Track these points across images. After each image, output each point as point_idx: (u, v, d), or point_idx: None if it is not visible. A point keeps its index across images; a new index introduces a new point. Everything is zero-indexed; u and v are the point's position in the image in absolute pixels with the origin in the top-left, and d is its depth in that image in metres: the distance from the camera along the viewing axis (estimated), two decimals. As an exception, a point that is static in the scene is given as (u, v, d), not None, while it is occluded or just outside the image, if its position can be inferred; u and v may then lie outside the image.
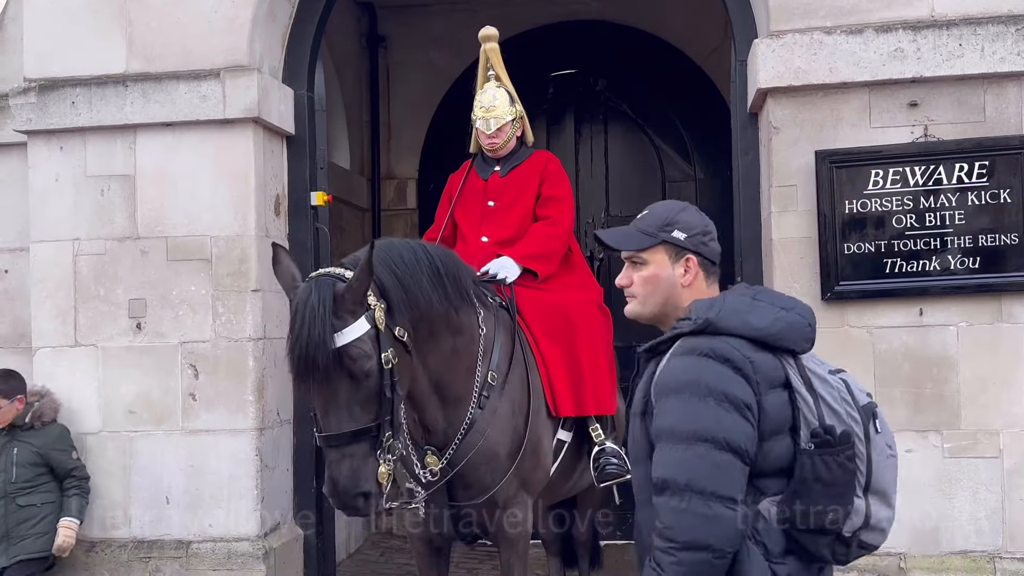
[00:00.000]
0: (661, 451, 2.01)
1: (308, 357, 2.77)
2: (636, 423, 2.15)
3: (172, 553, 4.80)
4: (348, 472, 2.84)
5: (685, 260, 2.19)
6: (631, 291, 2.23)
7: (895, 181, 4.31)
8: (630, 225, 2.26)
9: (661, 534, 1.96)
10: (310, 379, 2.82)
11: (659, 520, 1.97)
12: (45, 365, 4.96)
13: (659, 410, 2.03)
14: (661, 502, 1.98)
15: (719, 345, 2.02)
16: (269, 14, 4.96)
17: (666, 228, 2.20)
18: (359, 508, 2.88)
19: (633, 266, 2.22)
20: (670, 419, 2.01)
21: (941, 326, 4.31)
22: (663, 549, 1.95)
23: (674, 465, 1.97)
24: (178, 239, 4.87)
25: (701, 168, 7.53)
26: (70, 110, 4.91)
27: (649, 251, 2.19)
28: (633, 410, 2.18)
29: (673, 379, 2.03)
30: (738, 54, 4.80)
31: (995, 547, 4.25)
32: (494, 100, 4.18)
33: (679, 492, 1.95)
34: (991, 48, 4.24)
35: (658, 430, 2.02)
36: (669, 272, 2.19)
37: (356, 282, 2.89)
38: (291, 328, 2.84)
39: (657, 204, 2.34)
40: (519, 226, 4.15)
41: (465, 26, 6.87)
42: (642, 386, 2.15)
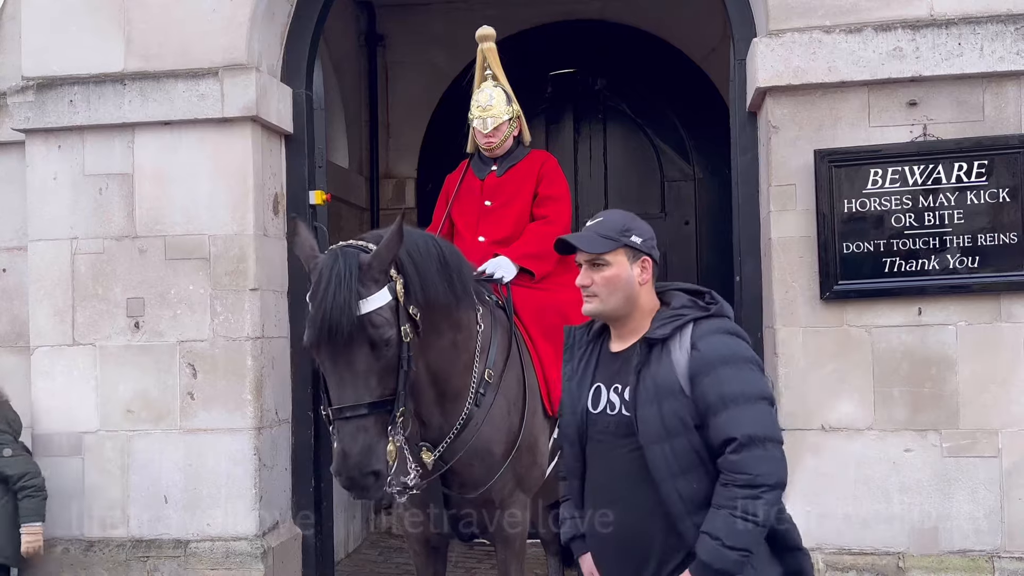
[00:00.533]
0: (732, 413, 2.31)
1: (333, 321, 2.74)
2: (666, 403, 2.36)
3: (170, 552, 4.79)
4: (362, 447, 2.79)
5: (641, 262, 2.49)
6: (592, 290, 2.48)
7: (894, 180, 4.31)
8: (588, 231, 2.51)
9: (749, 483, 2.28)
10: (331, 346, 2.78)
11: (743, 471, 2.28)
12: (43, 364, 4.95)
13: (716, 379, 2.33)
14: (745, 456, 2.29)
15: (733, 326, 2.46)
16: (267, 13, 4.95)
17: (625, 233, 2.48)
18: (368, 487, 2.82)
19: (594, 268, 2.47)
20: (735, 385, 2.33)
21: (940, 325, 4.30)
22: (751, 496, 2.28)
23: (751, 422, 2.31)
24: (176, 238, 4.87)
25: (700, 167, 7.54)
26: (68, 109, 4.90)
27: (611, 254, 2.46)
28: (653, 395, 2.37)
29: (719, 354, 2.36)
30: (737, 53, 4.80)
31: (994, 546, 4.25)
32: (491, 99, 4.18)
33: (761, 443, 2.30)
34: (990, 47, 4.24)
35: (723, 396, 2.32)
36: (628, 272, 2.47)
37: (385, 250, 2.91)
38: (314, 294, 2.81)
39: (609, 212, 2.63)
40: (516, 226, 4.15)
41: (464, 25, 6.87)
42: (662, 370, 2.38)
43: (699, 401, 2.34)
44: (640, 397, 2.39)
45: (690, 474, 2.35)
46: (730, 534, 2.28)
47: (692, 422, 2.35)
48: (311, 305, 2.82)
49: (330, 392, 2.89)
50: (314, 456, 5.16)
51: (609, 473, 2.48)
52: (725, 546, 2.28)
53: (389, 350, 2.87)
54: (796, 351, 4.37)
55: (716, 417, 2.32)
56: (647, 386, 2.38)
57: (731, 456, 2.30)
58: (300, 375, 5.15)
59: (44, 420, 4.94)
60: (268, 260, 4.97)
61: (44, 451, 4.92)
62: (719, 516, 2.30)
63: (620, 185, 7.63)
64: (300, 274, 5.11)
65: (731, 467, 2.30)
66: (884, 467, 4.31)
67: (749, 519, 2.28)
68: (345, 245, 2.97)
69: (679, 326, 2.41)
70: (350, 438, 2.79)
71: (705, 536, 2.31)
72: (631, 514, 2.43)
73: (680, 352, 2.38)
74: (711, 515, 2.31)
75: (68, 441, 4.91)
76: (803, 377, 4.36)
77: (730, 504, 2.28)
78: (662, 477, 2.36)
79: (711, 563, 2.30)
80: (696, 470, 2.36)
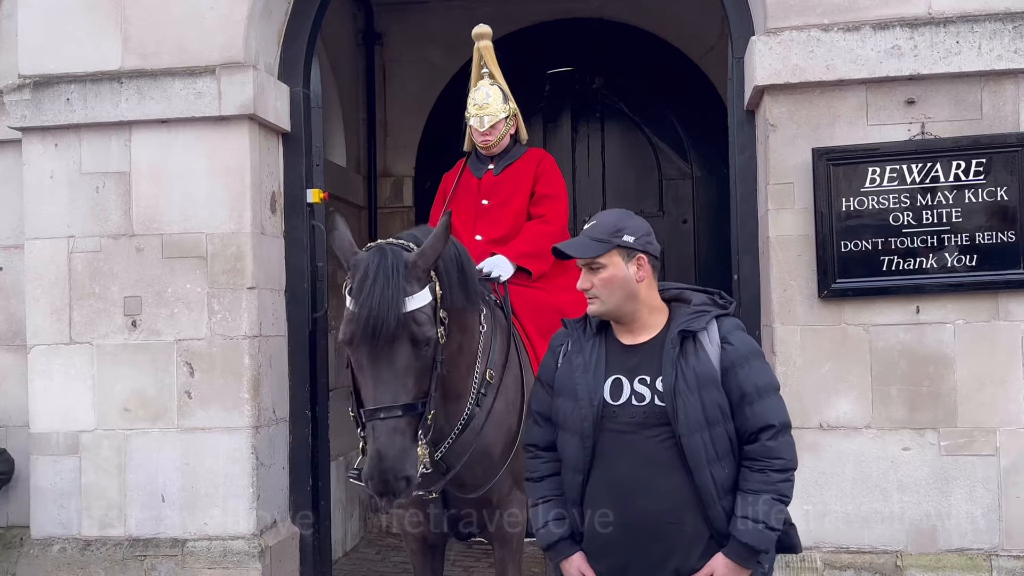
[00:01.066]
0: (767, 402, 2.49)
1: (379, 318, 2.69)
2: (706, 393, 2.47)
3: (168, 551, 4.78)
4: (398, 450, 2.72)
5: (637, 259, 2.56)
6: (593, 293, 2.56)
7: (892, 179, 4.31)
8: (581, 235, 2.58)
9: (783, 467, 2.47)
10: (373, 343, 2.73)
11: (779, 456, 2.46)
12: (40, 363, 4.94)
13: (750, 371, 2.51)
14: (780, 442, 2.48)
15: (741, 323, 2.64)
16: (265, 10, 4.94)
17: (617, 234, 2.55)
18: (399, 492, 2.73)
19: (591, 271, 2.55)
20: (765, 377, 2.54)
21: (938, 324, 4.30)
22: (785, 479, 2.47)
23: (780, 411, 2.51)
24: (173, 236, 4.86)
25: (698, 166, 7.54)
26: (65, 107, 4.89)
27: (605, 256, 2.53)
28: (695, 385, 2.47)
29: (750, 348, 2.56)
30: (735, 51, 4.80)
31: (992, 545, 4.25)
32: (487, 97, 4.17)
33: (789, 431, 2.52)
34: (988, 46, 4.23)
35: (759, 386, 2.50)
36: (624, 272, 2.54)
37: (430, 250, 2.90)
38: (358, 290, 2.76)
39: (603, 213, 2.70)
40: (513, 224, 4.15)
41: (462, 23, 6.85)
42: (701, 362, 2.49)
43: (733, 391, 2.49)
44: (679, 387, 2.48)
45: (724, 460, 2.49)
46: (772, 516, 2.45)
47: (728, 410, 2.49)
48: (352, 301, 2.77)
49: (363, 392, 2.82)
50: (312, 455, 5.15)
51: (633, 463, 2.51)
52: (768, 528, 2.45)
53: (428, 350, 2.85)
54: (794, 349, 4.37)
55: (752, 406, 2.48)
56: (687, 377, 2.48)
57: (768, 442, 2.47)
58: (298, 374, 5.14)
59: (41, 419, 4.93)
60: (265, 259, 4.96)
61: (41, 450, 4.92)
62: (760, 500, 2.44)
63: (618, 184, 7.63)
64: (298, 272, 5.13)
65: (768, 453, 2.47)
66: (882, 466, 4.31)
67: (784, 500, 2.47)
68: (388, 242, 2.96)
69: (707, 321, 2.54)
70: (386, 440, 2.72)
71: (746, 520, 2.44)
72: (659, 504, 2.48)
73: (711, 346, 2.52)
74: (749, 500, 2.45)
75: (65, 440, 4.90)
76: (801, 375, 4.36)
77: (770, 488, 2.45)
78: (700, 464, 2.46)
79: (757, 545, 2.45)
80: (728, 456, 2.50)
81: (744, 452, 2.49)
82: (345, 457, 6.77)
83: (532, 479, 2.74)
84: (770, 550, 2.52)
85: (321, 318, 5.23)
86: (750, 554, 2.45)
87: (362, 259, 2.84)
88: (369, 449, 2.76)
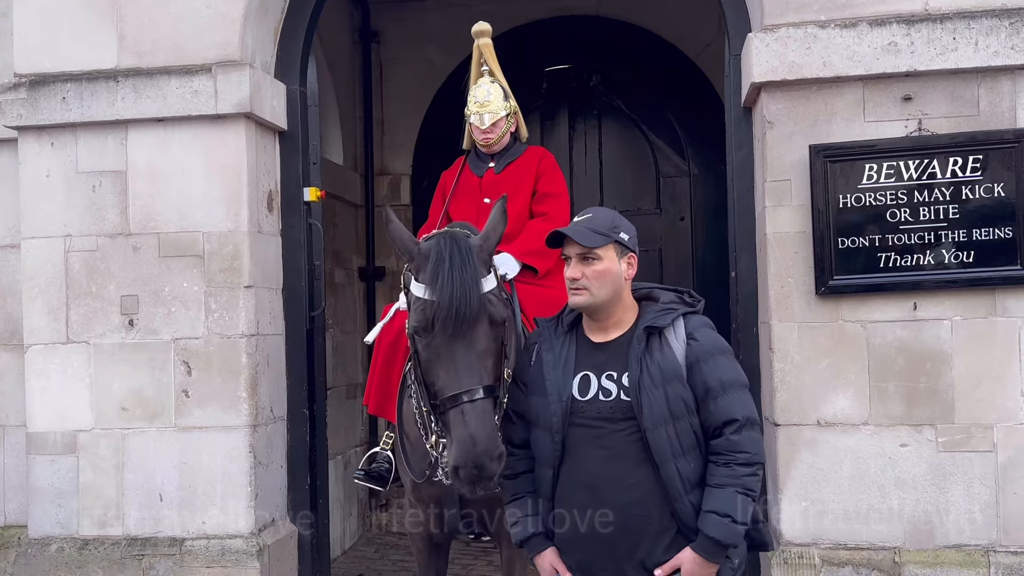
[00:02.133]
0: (731, 397, 2.53)
1: (461, 300, 2.67)
2: (671, 388, 2.52)
3: (166, 550, 4.78)
4: (489, 431, 2.64)
5: (628, 257, 2.65)
6: (582, 283, 2.60)
7: (889, 175, 4.31)
8: (578, 226, 2.63)
9: (748, 461, 2.51)
10: (453, 327, 2.69)
11: (743, 450, 2.50)
12: (37, 362, 4.93)
13: (715, 366, 2.55)
14: (745, 436, 2.51)
15: (710, 321, 2.68)
16: (261, 8, 4.93)
17: (614, 230, 2.62)
18: (493, 474, 2.63)
19: (585, 262, 2.60)
20: (730, 373, 2.57)
21: (935, 320, 4.31)
22: (750, 473, 2.51)
23: (745, 406, 2.56)
24: (170, 235, 4.85)
25: (695, 163, 7.53)
26: (61, 106, 4.88)
27: (603, 248, 2.60)
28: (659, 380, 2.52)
29: (715, 344, 2.60)
30: (732, 48, 4.79)
31: (989, 541, 4.25)
32: (488, 95, 4.16)
33: (754, 425, 2.55)
34: (985, 42, 4.23)
35: (723, 381, 2.54)
36: (617, 267, 2.62)
37: (493, 234, 2.94)
38: (433, 276, 2.72)
39: (597, 209, 2.75)
40: (516, 222, 4.14)
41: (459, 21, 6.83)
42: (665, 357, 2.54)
43: (697, 386, 2.54)
44: (644, 382, 2.52)
45: (690, 454, 2.53)
46: (738, 510, 2.48)
47: (693, 405, 2.54)
48: (427, 289, 2.73)
49: (442, 379, 2.74)
50: (310, 454, 5.15)
51: (601, 458, 2.55)
52: (734, 521, 2.48)
53: (501, 332, 2.83)
54: (791, 346, 4.37)
55: (716, 400, 2.53)
56: (652, 372, 2.52)
57: (732, 436, 2.51)
58: (295, 372, 5.13)
59: (38, 418, 4.93)
60: (263, 257, 4.95)
61: (38, 449, 4.91)
62: (725, 494, 2.48)
63: (615, 181, 7.62)
64: (295, 271, 5.13)
65: (732, 447, 2.51)
66: (880, 462, 4.31)
67: (750, 494, 2.50)
68: (449, 231, 2.96)
69: (674, 318, 2.60)
70: (478, 422, 2.64)
71: (712, 515, 2.47)
72: (625, 497, 2.52)
73: (677, 342, 2.57)
74: (715, 494, 2.49)
75: (63, 439, 4.90)
76: (798, 372, 4.36)
77: (735, 482, 2.49)
78: (665, 458, 2.51)
79: (723, 539, 2.47)
80: (694, 451, 2.54)
81: (710, 447, 2.54)
82: (343, 456, 6.78)
83: (507, 476, 2.76)
84: (738, 544, 2.54)
85: (318, 317, 5.23)
86: (717, 548, 2.49)
87: (431, 246, 2.81)
88: (458, 435, 2.65)
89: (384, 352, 3.97)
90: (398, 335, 3.96)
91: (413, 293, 2.81)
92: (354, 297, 7.37)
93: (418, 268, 2.83)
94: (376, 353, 4.06)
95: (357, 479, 4.10)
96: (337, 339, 6.72)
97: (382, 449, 4.02)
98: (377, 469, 4.00)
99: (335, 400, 6.38)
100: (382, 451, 4.02)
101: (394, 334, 3.98)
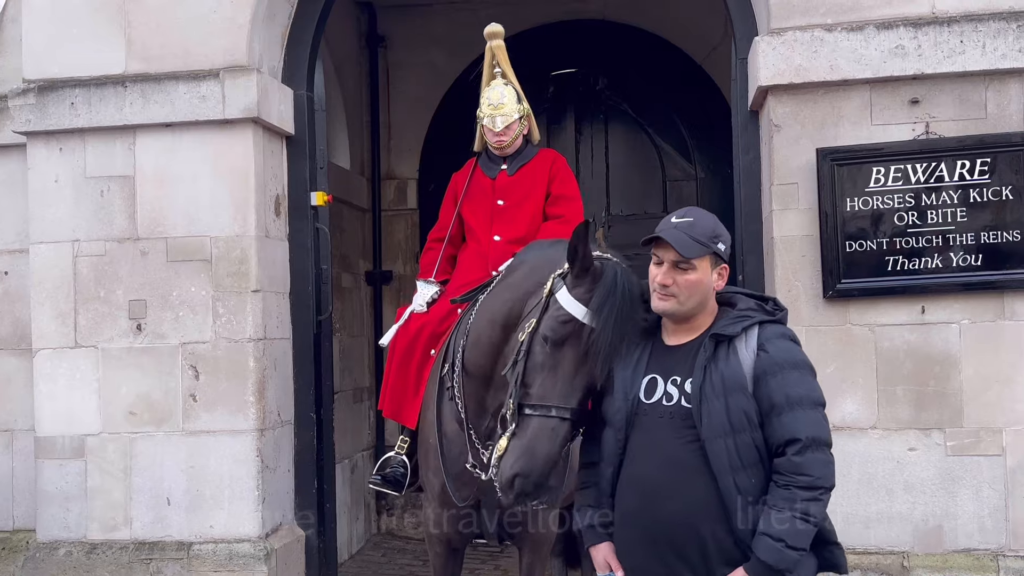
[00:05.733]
0: (796, 415, 2.39)
1: (606, 331, 2.57)
2: (732, 399, 2.41)
3: (173, 554, 4.79)
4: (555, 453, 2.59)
5: (721, 268, 2.54)
6: (671, 291, 2.49)
7: (896, 179, 4.30)
8: (678, 231, 2.49)
9: (810, 485, 2.36)
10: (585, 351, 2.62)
11: (805, 472, 2.36)
12: (45, 367, 4.95)
13: (783, 381, 2.41)
14: (808, 458, 2.37)
15: (793, 333, 2.56)
16: (268, 14, 4.95)
17: (714, 240, 2.51)
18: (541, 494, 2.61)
19: (678, 269, 2.48)
20: (800, 389, 2.42)
21: (943, 324, 4.29)
22: (812, 497, 2.36)
23: (815, 426, 2.40)
24: (178, 240, 4.86)
25: (702, 167, 7.52)
26: (69, 111, 4.90)
27: (699, 259, 2.48)
28: (721, 390, 2.41)
29: (787, 358, 2.45)
30: (739, 52, 4.79)
31: (998, 545, 4.24)
32: (502, 98, 4.17)
33: (821, 447, 2.40)
34: (992, 45, 4.23)
35: (789, 397, 2.40)
36: (709, 278, 2.51)
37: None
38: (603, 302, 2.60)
39: (697, 212, 2.59)
40: (530, 224, 4.16)
41: (465, 26, 6.87)
42: (730, 367, 2.43)
43: (763, 400, 2.42)
44: (706, 391, 2.44)
45: (751, 469, 2.41)
46: (793, 535, 2.35)
47: (757, 419, 2.42)
48: (588, 313, 2.62)
49: (538, 385, 2.67)
50: (317, 458, 5.15)
51: (659, 464, 2.49)
52: (788, 547, 2.35)
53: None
54: (799, 350, 4.36)
55: (780, 417, 2.40)
56: (714, 381, 2.43)
57: (794, 457, 2.37)
58: (303, 377, 5.14)
59: (46, 423, 4.94)
60: (270, 261, 4.96)
61: (46, 454, 4.93)
62: (782, 517, 2.36)
63: (622, 184, 7.62)
64: (302, 275, 5.13)
65: (793, 468, 2.37)
66: (888, 466, 4.30)
67: (810, 520, 2.36)
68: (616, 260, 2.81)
69: (747, 327, 2.48)
70: (547, 436, 2.59)
71: (766, 537, 2.37)
72: (680, 506, 2.44)
73: (746, 352, 2.45)
74: (772, 516, 2.37)
75: (71, 444, 4.91)
76: (806, 376, 4.34)
77: (792, 506, 2.36)
78: (723, 470, 2.40)
79: (775, 564, 2.36)
80: (756, 465, 2.42)
81: (773, 465, 2.42)
82: (350, 459, 6.78)
83: (580, 466, 2.76)
84: (792, 570, 2.40)
85: (325, 321, 5.24)
86: (769, 572, 2.38)
87: (610, 271, 2.67)
88: (524, 444, 2.61)
89: (399, 355, 3.98)
90: (414, 338, 3.97)
91: (561, 303, 2.69)
92: (361, 301, 7.38)
93: (582, 286, 2.68)
94: (391, 356, 4.06)
95: (373, 484, 4.09)
96: (344, 343, 6.72)
97: (397, 453, 4.02)
98: (392, 474, 4.00)
99: (342, 404, 6.38)
100: (396, 455, 4.02)
101: (409, 337, 3.98)
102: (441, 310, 4.01)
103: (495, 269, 3.92)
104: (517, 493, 2.61)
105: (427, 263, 4.35)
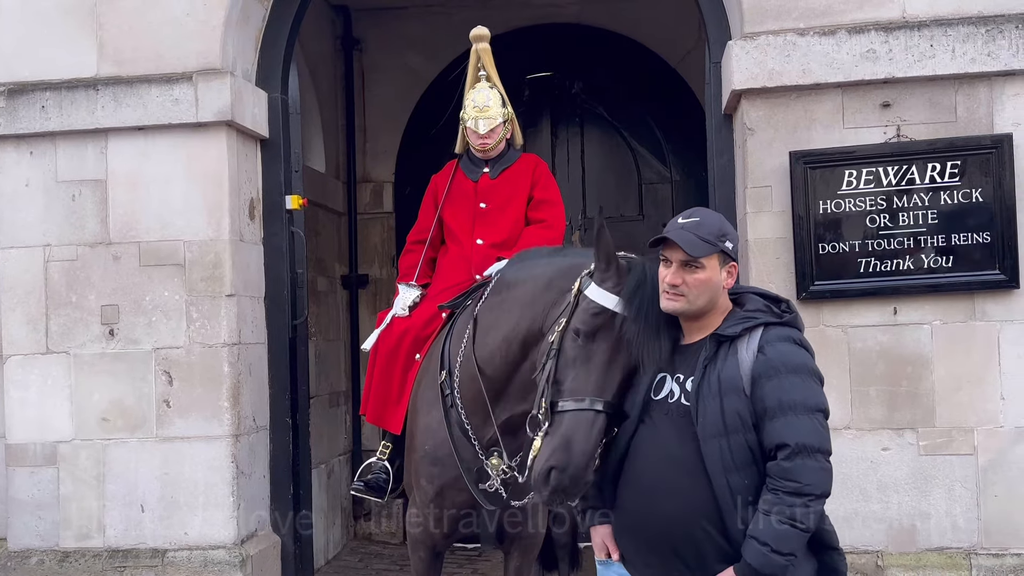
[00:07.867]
0: (790, 420, 2.39)
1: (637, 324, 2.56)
2: (728, 400, 2.42)
3: (148, 562, 4.74)
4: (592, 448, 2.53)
5: (730, 266, 2.54)
6: (680, 290, 2.50)
7: (868, 181, 4.34)
8: (685, 231, 2.50)
9: (796, 491, 2.37)
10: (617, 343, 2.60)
11: (792, 479, 2.37)
12: (16, 373, 4.89)
13: (778, 385, 2.41)
14: (796, 463, 2.38)
15: (801, 336, 2.54)
16: (242, 16, 4.92)
17: (721, 239, 2.51)
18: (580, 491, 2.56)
19: (687, 268, 2.49)
20: (796, 394, 2.41)
21: (915, 325, 4.34)
22: (799, 504, 2.37)
23: (806, 432, 2.40)
24: (151, 244, 4.82)
25: (677, 169, 7.56)
26: (40, 114, 4.85)
27: (708, 257, 2.49)
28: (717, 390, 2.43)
29: (788, 361, 2.44)
30: (712, 56, 4.82)
31: (971, 543, 4.28)
32: (488, 101, 4.17)
33: (814, 454, 2.40)
34: (962, 49, 4.28)
35: (782, 401, 2.39)
36: (718, 277, 2.52)
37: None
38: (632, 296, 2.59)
39: (703, 211, 2.61)
40: (513, 228, 4.16)
41: (440, 29, 6.87)
42: (728, 367, 2.44)
43: (757, 403, 2.42)
44: (703, 390, 2.45)
45: (744, 471, 2.42)
46: (778, 539, 2.36)
47: (751, 421, 2.42)
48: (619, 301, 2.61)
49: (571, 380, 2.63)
50: (293, 463, 5.12)
51: (658, 461, 2.51)
52: (773, 551, 2.37)
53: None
54: (774, 352, 4.39)
55: (772, 421, 2.40)
56: (711, 381, 2.45)
57: (783, 463, 2.38)
58: (278, 382, 5.11)
59: (18, 430, 4.88)
60: (244, 265, 4.93)
61: (18, 461, 4.87)
62: (768, 521, 2.37)
63: (598, 187, 7.64)
64: (277, 279, 5.10)
65: (781, 473, 2.38)
66: (862, 466, 4.34)
67: (797, 526, 2.37)
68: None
69: (750, 328, 2.49)
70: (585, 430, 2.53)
71: (753, 540, 2.38)
72: (676, 503, 2.47)
73: (746, 353, 2.46)
74: (759, 520, 2.38)
75: (42, 451, 4.85)
76: (781, 377, 4.37)
77: (779, 511, 2.37)
78: (716, 470, 2.42)
79: (760, 567, 2.37)
80: (749, 468, 2.43)
81: (766, 469, 2.43)
82: (326, 464, 6.75)
83: None
84: (779, 574, 2.39)
85: (301, 325, 5.21)
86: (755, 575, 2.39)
87: (638, 266, 2.67)
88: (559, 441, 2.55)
89: (383, 360, 3.96)
90: (397, 342, 3.95)
91: (592, 297, 2.68)
92: (337, 305, 7.34)
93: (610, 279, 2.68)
94: (373, 361, 4.03)
95: (355, 491, 4.07)
96: (320, 347, 6.69)
97: (379, 459, 4.00)
98: (375, 480, 3.98)
99: (318, 409, 6.34)
100: (379, 461, 4.00)
101: (392, 342, 3.96)
102: (425, 314, 3.99)
103: (478, 273, 3.92)
104: (553, 488, 2.52)
105: (408, 266, 4.32)
